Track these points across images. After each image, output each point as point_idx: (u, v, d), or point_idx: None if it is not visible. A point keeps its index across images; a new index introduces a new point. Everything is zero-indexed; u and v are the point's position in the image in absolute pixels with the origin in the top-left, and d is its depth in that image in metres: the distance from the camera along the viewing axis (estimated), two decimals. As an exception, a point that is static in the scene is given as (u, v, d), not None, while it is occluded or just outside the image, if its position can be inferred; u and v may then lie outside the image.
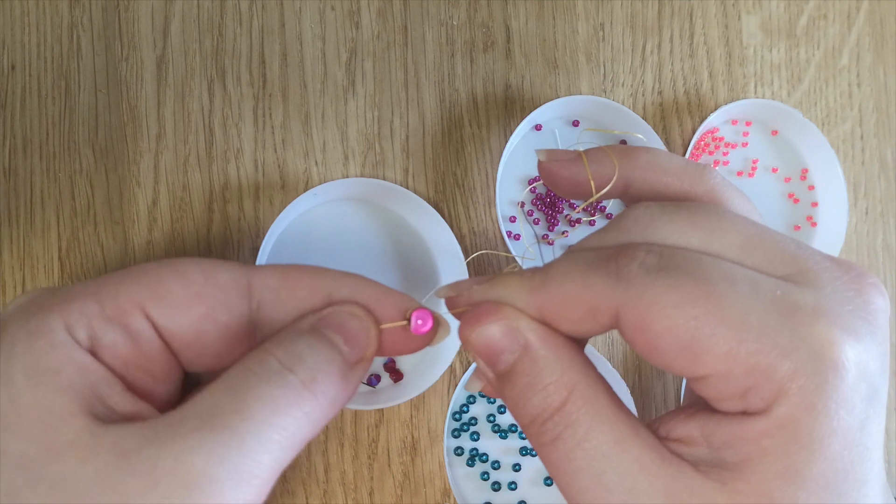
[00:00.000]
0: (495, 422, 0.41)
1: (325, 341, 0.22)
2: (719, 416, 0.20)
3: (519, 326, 0.22)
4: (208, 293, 0.22)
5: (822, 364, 0.19)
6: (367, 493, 0.40)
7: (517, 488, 0.41)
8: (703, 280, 0.20)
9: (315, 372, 0.21)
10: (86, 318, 0.21)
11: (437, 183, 0.42)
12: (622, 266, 0.21)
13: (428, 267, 0.41)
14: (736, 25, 0.45)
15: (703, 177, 0.25)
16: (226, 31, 0.40)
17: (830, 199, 0.44)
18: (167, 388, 0.23)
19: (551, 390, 0.21)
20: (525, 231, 0.42)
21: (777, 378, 0.19)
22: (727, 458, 0.20)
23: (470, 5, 0.42)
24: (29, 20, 0.39)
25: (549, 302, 0.22)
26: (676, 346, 0.20)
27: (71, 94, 0.39)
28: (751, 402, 0.19)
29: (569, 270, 0.21)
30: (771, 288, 0.20)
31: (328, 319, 0.23)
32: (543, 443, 0.21)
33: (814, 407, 0.19)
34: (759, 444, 0.19)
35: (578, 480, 0.20)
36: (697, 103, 0.45)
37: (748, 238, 0.21)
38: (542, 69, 0.43)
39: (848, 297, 0.20)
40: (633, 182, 0.26)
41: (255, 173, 0.40)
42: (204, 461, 0.19)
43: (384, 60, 0.42)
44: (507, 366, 0.22)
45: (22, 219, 0.38)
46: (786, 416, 0.19)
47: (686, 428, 0.21)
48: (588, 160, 0.27)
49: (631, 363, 0.43)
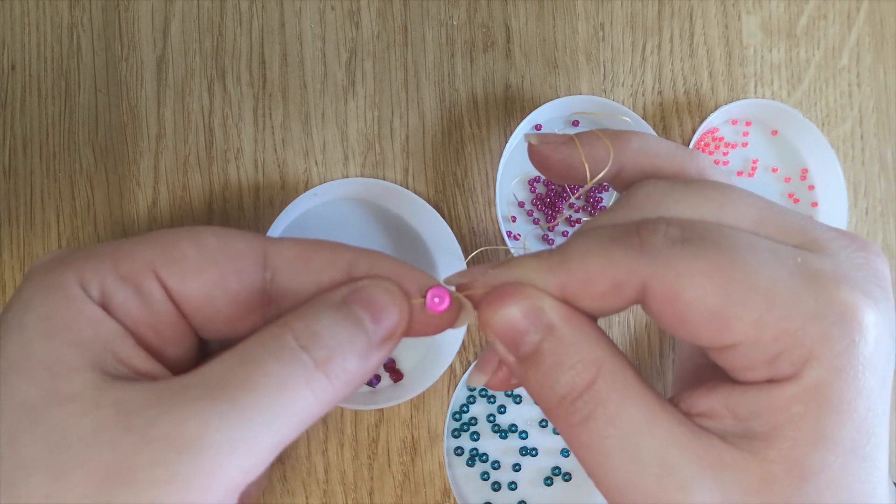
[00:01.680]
0: (495, 422, 0.41)
1: (350, 319, 0.22)
2: (743, 386, 0.20)
3: (542, 306, 0.21)
4: (221, 259, 0.22)
5: (848, 327, 0.19)
6: (367, 493, 0.40)
7: (517, 488, 0.41)
8: (728, 248, 0.20)
9: (332, 351, 0.21)
10: (99, 275, 0.21)
11: (437, 183, 0.42)
12: (645, 239, 0.20)
13: (428, 267, 0.41)
14: (736, 25, 0.45)
15: (693, 160, 0.26)
16: (226, 31, 0.40)
17: (830, 199, 0.44)
18: (178, 351, 0.23)
19: (580, 369, 0.21)
20: (525, 231, 0.42)
21: (807, 342, 0.19)
22: (755, 427, 0.20)
23: (470, 5, 0.42)
24: (29, 20, 0.39)
25: (571, 280, 0.21)
26: (707, 315, 0.20)
27: (71, 94, 0.39)
28: (778, 368, 0.19)
29: (589, 247, 0.21)
30: (791, 255, 0.20)
31: (359, 293, 0.22)
32: (573, 423, 0.21)
33: (843, 369, 0.19)
34: (788, 410, 0.19)
35: (611, 458, 0.20)
36: (697, 103, 0.45)
37: (759, 211, 0.22)
38: (542, 69, 0.43)
39: (859, 264, 0.21)
40: (624, 165, 0.26)
41: (255, 173, 0.40)
42: (200, 428, 0.18)
43: (384, 60, 0.42)
44: (531, 347, 0.22)
45: (22, 219, 0.38)
46: (816, 380, 0.19)
47: (708, 402, 0.21)
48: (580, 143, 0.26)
49: (631, 359, 0.43)
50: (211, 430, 0.19)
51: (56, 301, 0.20)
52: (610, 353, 0.21)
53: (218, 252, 0.22)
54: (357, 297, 0.22)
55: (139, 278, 0.21)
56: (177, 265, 0.21)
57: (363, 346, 0.22)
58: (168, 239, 0.22)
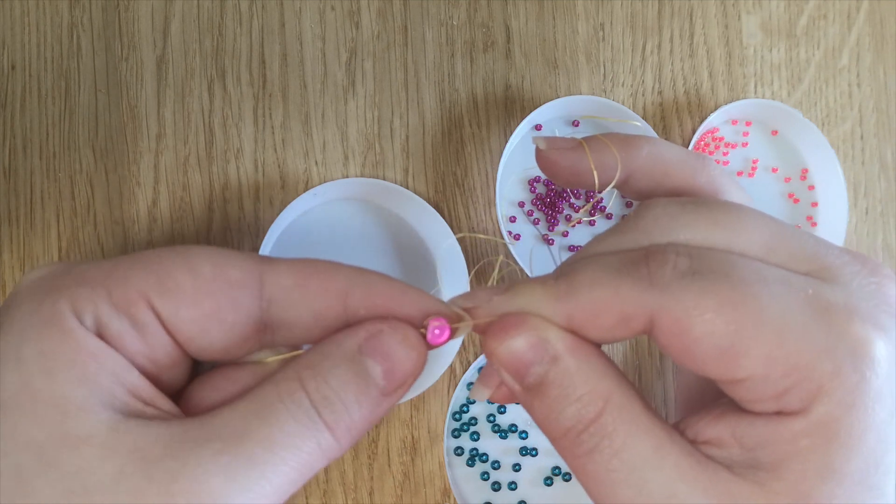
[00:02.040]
0: (495, 422, 0.41)
1: (361, 377, 0.21)
2: (751, 416, 0.20)
3: (548, 337, 0.21)
4: (216, 290, 0.21)
5: (859, 362, 0.19)
6: (367, 493, 0.40)
7: (517, 488, 0.41)
8: (738, 282, 0.19)
9: (340, 416, 0.21)
10: (93, 305, 0.20)
11: (437, 183, 0.42)
12: (654, 270, 0.20)
13: (428, 267, 0.41)
14: (736, 25, 0.45)
15: (704, 167, 0.25)
16: (226, 31, 0.40)
17: (830, 199, 0.44)
18: (174, 375, 0.22)
19: (586, 401, 0.21)
20: (525, 231, 0.42)
21: (816, 378, 0.19)
22: (762, 458, 0.20)
23: (470, 5, 0.42)
24: (29, 20, 0.39)
25: (578, 310, 0.21)
26: (715, 350, 0.19)
27: (71, 94, 0.39)
28: (788, 402, 0.19)
29: (596, 277, 0.21)
30: (802, 286, 0.20)
31: (373, 345, 0.22)
32: (578, 455, 0.21)
33: (853, 405, 0.19)
34: (796, 443, 0.19)
35: (617, 491, 0.20)
36: (697, 103, 0.45)
37: (770, 235, 0.21)
38: (542, 69, 0.43)
39: (871, 292, 0.21)
40: (633, 172, 0.26)
41: (255, 173, 0.40)
42: (223, 486, 0.19)
43: (384, 60, 0.42)
44: (536, 378, 0.21)
45: (22, 219, 0.38)
46: (826, 415, 0.19)
47: (716, 430, 0.21)
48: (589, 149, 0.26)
49: (631, 363, 0.43)
50: (234, 490, 0.19)
51: (53, 334, 0.20)
52: (617, 384, 0.21)
53: (213, 282, 0.21)
54: (371, 349, 0.22)
55: (133, 308, 0.21)
56: (171, 295, 0.21)
57: (373, 401, 0.22)
58: (162, 266, 0.21)
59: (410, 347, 0.22)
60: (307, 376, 0.21)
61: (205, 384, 0.23)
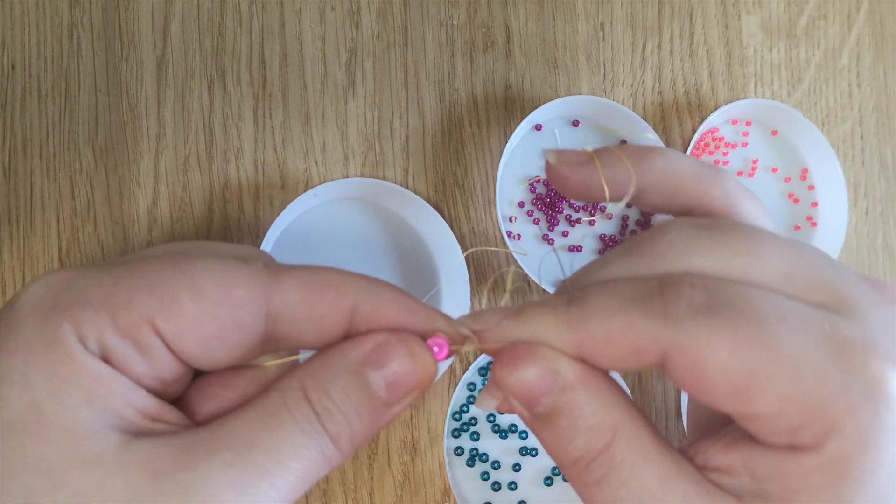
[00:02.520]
0: (495, 422, 0.41)
1: (363, 388, 0.22)
2: (763, 447, 0.20)
3: (559, 368, 0.21)
4: (221, 313, 0.21)
5: (874, 399, 0.19)
6: (367, 493, 0.40)
7: (517, 488, 0.41)
8: (754, 319, 0.19)
9: (342, 427, 0.21)
10: (97, 330, 0.20)
11: (437, 183, 0.42)
12: (669, 304, 0.20)
13: (428, 267, 0.41)
14: (736, 25, 0.45)
15: (718, 181, 0.25)
16: (226, 31, 0.40)
17: (830, 199, 0.44)
18: (178, 387, 0.23)
19: (595, 433, 0.21)
20: (525, 231, 0.42)
21: (830, 415, 0.19)
22: (772, 490, 0.20)
23: (470, 5, 0.42)
24: (29, 20, 0.39)
25: (590, 341, 0.21)
26: (729, 388, 0.19)
27: (71, 94, 0.39)
28: (800, 438, 0.19)
29: (609, 307, 0.21)
30: (819, 322, 0.20)
31: (378, 356, 0.22)
32: (587, 483, 0.21)
33: (867, 443, 0.19)
34: (807, 479, 0.19)
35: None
36: (697, 103, 0.45)
37: (788, 265, 0.21)
38: (542, 69, 0.43)
39: (889, 324, 0.20)
40: (646, 186, 0.25)
41: (255, 173, 0.40)
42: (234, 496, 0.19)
43: (384, 60, 0.42)
44: (545, 409, 0.21)
45: (22, 219, 0.38)
46: (838, 453, 0.19)
47: (726, 458, 0.21)
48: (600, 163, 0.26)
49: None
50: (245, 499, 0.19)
51: (59, 358, 0.20)
52: (626, 413, 0.21)
53: (217, 304, 0.21)
54: (375, 360, 0.22)
55: (137, 333, 0.21)
56: (174, 319, 0.21)
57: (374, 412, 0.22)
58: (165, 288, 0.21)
59: (416, 360, 0.22)
60: (310, 386, 0.21)
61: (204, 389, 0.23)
